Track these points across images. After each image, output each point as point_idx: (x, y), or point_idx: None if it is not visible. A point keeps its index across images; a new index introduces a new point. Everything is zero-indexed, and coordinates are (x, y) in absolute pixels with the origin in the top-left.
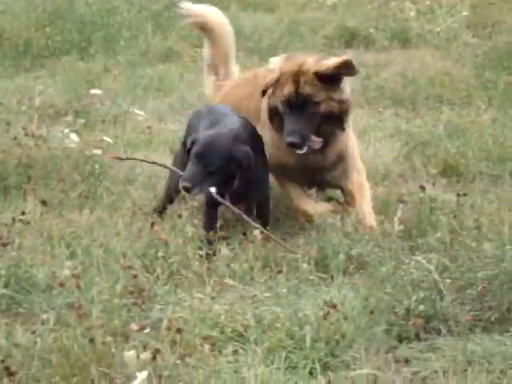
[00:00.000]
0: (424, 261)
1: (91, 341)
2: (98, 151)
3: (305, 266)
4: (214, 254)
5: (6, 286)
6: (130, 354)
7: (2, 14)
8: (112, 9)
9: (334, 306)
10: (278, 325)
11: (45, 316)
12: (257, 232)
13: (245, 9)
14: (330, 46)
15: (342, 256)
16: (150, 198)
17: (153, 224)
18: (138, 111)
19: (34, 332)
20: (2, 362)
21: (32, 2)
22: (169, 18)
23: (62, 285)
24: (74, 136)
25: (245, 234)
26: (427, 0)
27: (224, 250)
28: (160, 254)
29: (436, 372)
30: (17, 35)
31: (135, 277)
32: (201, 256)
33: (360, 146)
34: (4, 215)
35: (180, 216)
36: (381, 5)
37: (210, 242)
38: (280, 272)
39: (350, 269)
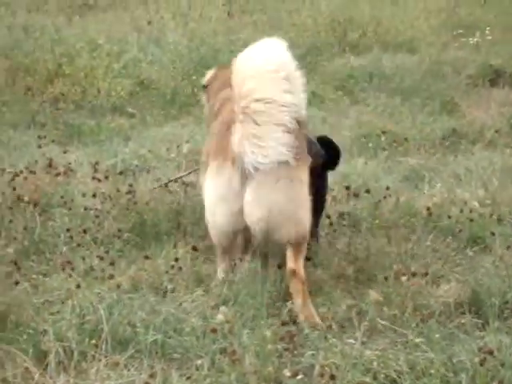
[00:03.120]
0: None
1: None
2: None
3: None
4: None
5: (160, 331)
6: None
7: (150, 65)
8: None
9: (491, 352)
10: (432, 371)
11: (199, 361)
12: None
13: (386, 50)
14: (473, 86)
15: (496, 300)
16: None
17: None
18: None
19: (189, 377)
20: None
21: (178, 52)
22: (311, 63)
23: (214, 330)
24: None
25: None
26: None
27: (373, 294)
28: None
29: None
30: (164, 85)
31: (284, 324)
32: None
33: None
34: (156, 262)
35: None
36: None
37: None
38: (431, 316)
39: (504, 313)
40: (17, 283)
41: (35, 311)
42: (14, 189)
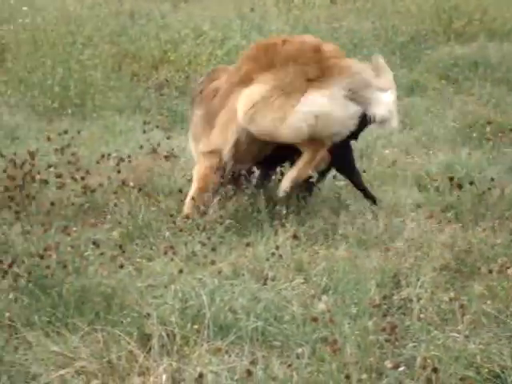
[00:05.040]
0: None
1: (347, 377)
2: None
3: None
4: None
5: (261, 318)
6: None
7: None
8: (359, 42)
9: None
10: None
11: (300, 350)
12: None
13: (492, 38)
14: None
15: None
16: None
17: None
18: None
19: (289, 365)
20: None
21: None
22: (415, 51)
23: (315, 319)
24: None
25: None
26: None
27: (477, 287)
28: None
29: None
30: None
31: (385, 315)
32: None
33: None
34: (257, 249)
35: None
36: None
37: None
38: None
39: None
40: (121, 266)
41: (139, 295)
42: (119, 172)
